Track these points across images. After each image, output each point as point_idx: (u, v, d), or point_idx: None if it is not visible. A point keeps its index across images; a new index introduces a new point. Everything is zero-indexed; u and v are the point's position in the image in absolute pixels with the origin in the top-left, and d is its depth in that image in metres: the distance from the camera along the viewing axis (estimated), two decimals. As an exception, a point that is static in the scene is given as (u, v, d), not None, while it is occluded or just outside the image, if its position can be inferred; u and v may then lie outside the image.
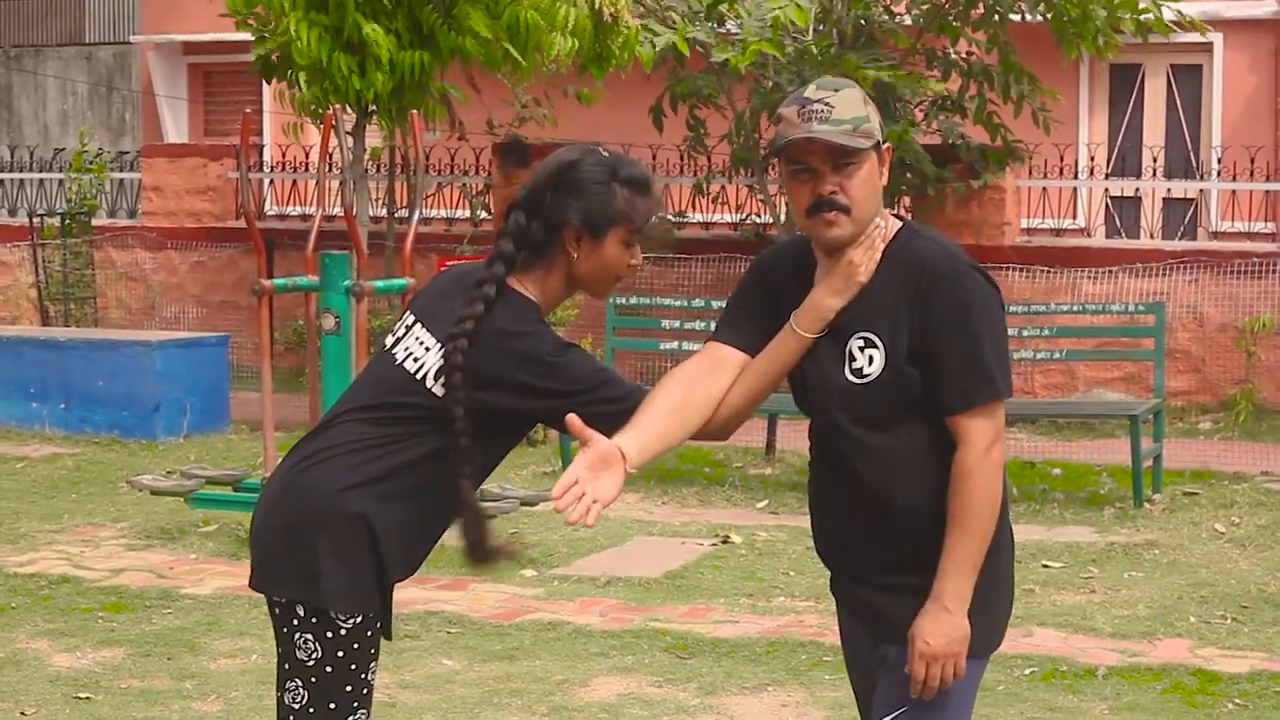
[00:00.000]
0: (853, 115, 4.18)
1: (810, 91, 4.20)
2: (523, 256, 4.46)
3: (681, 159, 17.52)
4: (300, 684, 4.42)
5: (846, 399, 4.25)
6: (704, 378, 4.43)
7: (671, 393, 4.35)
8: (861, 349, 4.26)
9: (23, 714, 7.45)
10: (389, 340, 4.57)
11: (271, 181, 21.04)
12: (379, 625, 4.46)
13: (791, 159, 4.21)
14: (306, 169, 20.17)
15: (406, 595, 4.91)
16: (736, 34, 15.10)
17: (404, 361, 4.45)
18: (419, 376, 4.40)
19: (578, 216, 4.41)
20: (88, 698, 7.69)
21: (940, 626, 4.20)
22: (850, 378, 4.27)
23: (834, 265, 4.26)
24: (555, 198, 4.43)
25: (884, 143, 4.25)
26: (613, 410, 4.29)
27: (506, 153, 18.49)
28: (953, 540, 4.20)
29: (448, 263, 13.08)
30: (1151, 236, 18.08)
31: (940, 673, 4.23)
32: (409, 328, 4.52)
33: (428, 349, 4.42)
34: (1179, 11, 15.59)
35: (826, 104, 4.16)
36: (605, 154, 4.49)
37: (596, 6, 14.21)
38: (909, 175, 16.40)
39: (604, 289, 4.55)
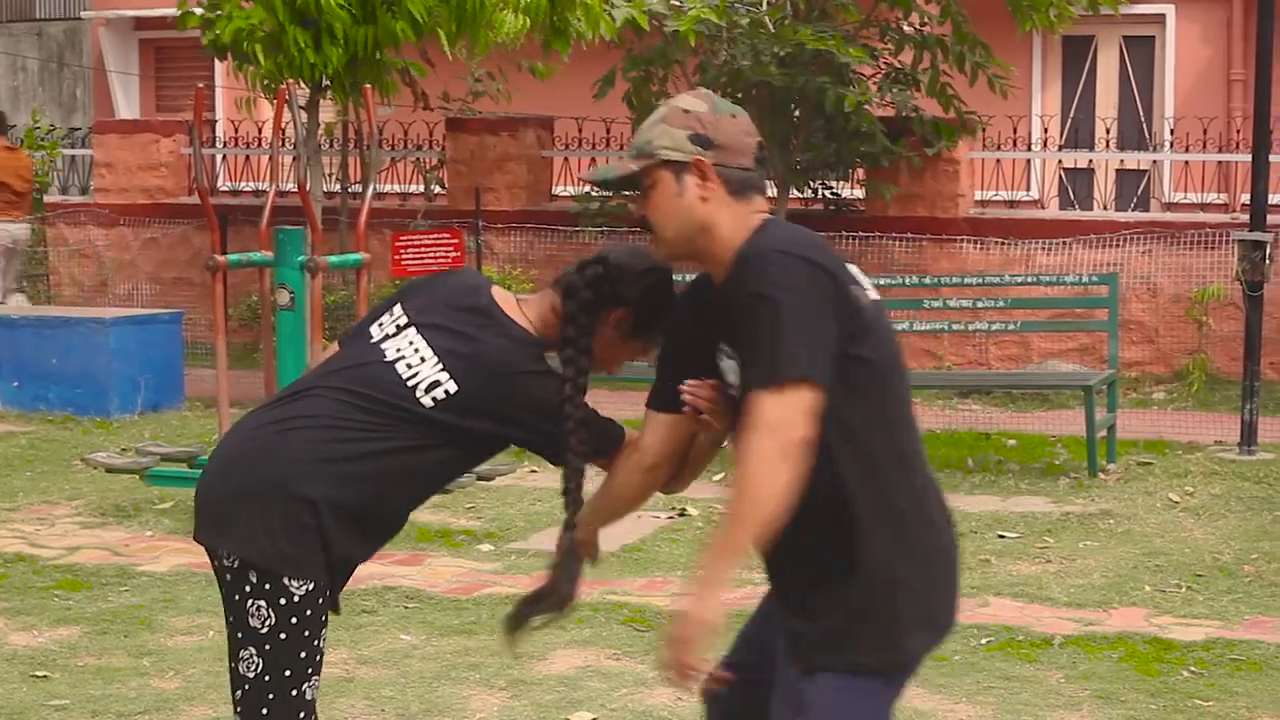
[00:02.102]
0: (638, 141, 4.17)
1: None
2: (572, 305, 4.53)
3: (634, 132, 17.49)
4: (254, 652, 4.42)
5: (740, 413, 4.10)
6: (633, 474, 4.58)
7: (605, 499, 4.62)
8: (724, 362, 4.24)
9: (-21, 692, 7.43)
10: (375, 330, 4.56)
11: (224, 157, 20.96)
12: (329, 594, 4.47)
13: None
14: (260, 144, 20.11)
15: (364, 570, 4.88)
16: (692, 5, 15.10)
17: (395, 363, 4.47)
18: (410, 384, 4.43)
19: (639, 315, 4.53)
20: (45, 676, 7.66)
21: (682, 607, 4.02)
22: (733, 394, 4.23)
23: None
24: (636, 292, 4.52)
25: (695, 155, 4.14)
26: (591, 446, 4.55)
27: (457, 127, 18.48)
28: (721, 521, 4.05)
29: (402, 237, 13.07)
30: (1105, 208, 18.14)
31: (670, 656, 4.02)
32: (401, 328, 4.52)
33: (423, 360, 4.45)
34: (1130, -15, 15.67)
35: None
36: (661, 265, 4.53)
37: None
38: (863, 147, 16.42)
39: (599, 369, 4.65)
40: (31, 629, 8.43)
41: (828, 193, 17.52)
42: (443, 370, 4.42)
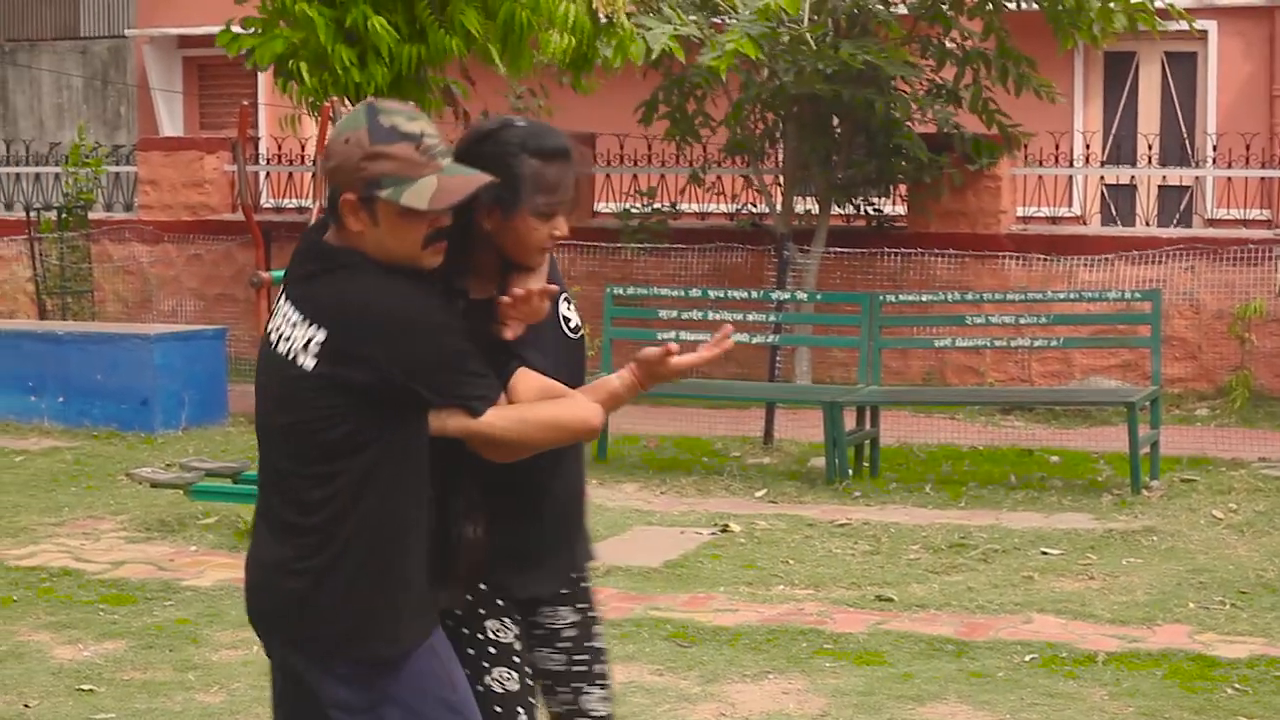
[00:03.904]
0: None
1: (404, 125, 4.11)
2: None
3: (677, 149, 17.54)
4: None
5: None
6: None
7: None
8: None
9: (26, 706, 7.47)
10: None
11: (268, 174, 21.04)
12: (480, 588, 4.48)
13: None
14: (303, 161, 20.18)
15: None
16: (731, 22, 15.10)
17: None
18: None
19: (488, 193, 4.26)
20: (90, 690, 7.70)
21: None
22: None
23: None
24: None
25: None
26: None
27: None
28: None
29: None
30: (1147, 224, 18.10)
31: None
32: None
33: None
34: (1170, 4, 15.63)
35: (433, 135, 4.12)
36: (521, 124, 4.43)
37: (593, 6, 14.19)
38: (905, 164, 16.43)
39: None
40: (77, 643, 8.47)
41: (869, 209, 17.51)
42: None
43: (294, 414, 4.17)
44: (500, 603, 4.50)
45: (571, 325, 4.53)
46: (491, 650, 4.47)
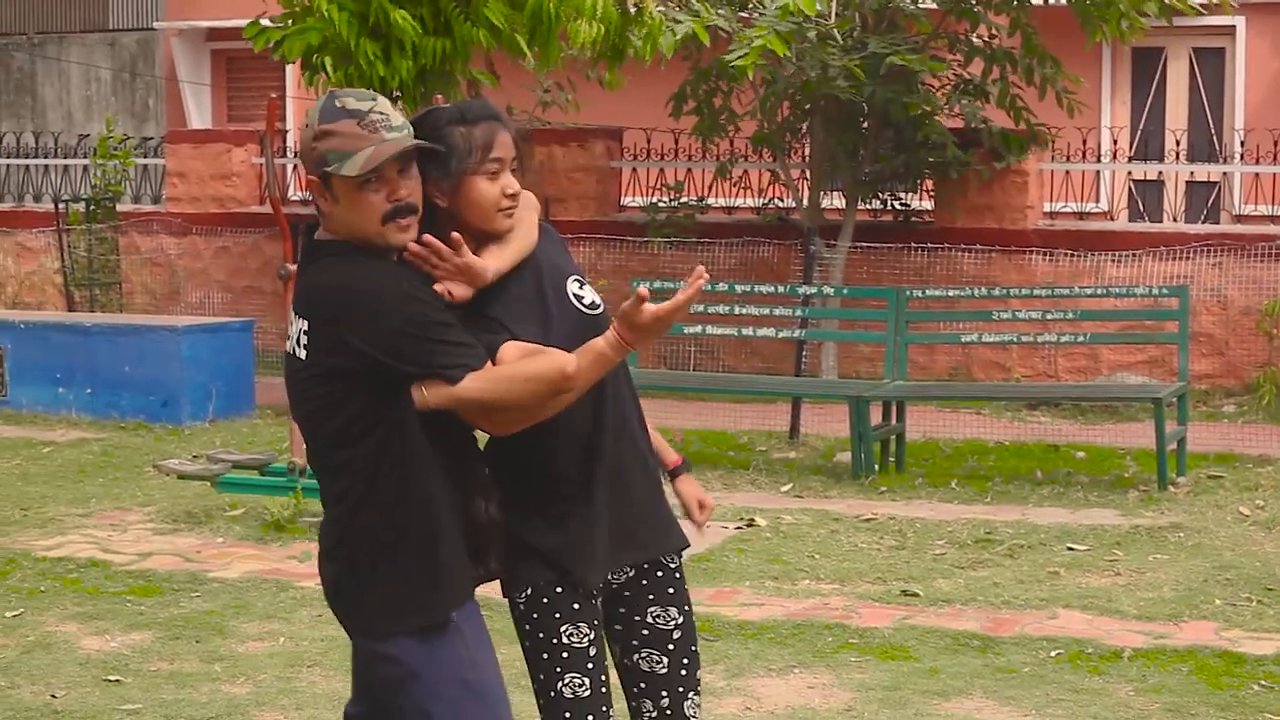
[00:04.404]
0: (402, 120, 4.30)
1: (353, 103, 4.26)
2: None
3: (703, 143, 17.53)
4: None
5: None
6: None
7: None
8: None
9: (53, 696, 7.50)
10: None
11: (296, 167, 21.07)
12: (556, 590, 4.50)
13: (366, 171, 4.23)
14: (330, 154, 20.18)
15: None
16: (760, 16, 15.08)
17: None
18: None
19: (433, 167, 4.38)
20: (117, 680, 7.74)
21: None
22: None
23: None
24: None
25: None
26: None
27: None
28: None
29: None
30: (1174, 220, 18.07)
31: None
32: None
33: None
34: (1200, -7, 15.60)
35: (381, 112, 4.25)
36: (447, 104, 4.52)
37: (621, -4, 14.19)
38: (932, 159, 16.42)
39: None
40: (104, 634, 8.50)
41: (896, 204, 17.50)
42: None
43: (301, 407, 4.35)
44: (576, 606, 4.49)
45: (586, 302, 4.51)
46: (564, 655, 4.49)
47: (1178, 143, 18.26)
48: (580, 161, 18.72)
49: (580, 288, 4.55)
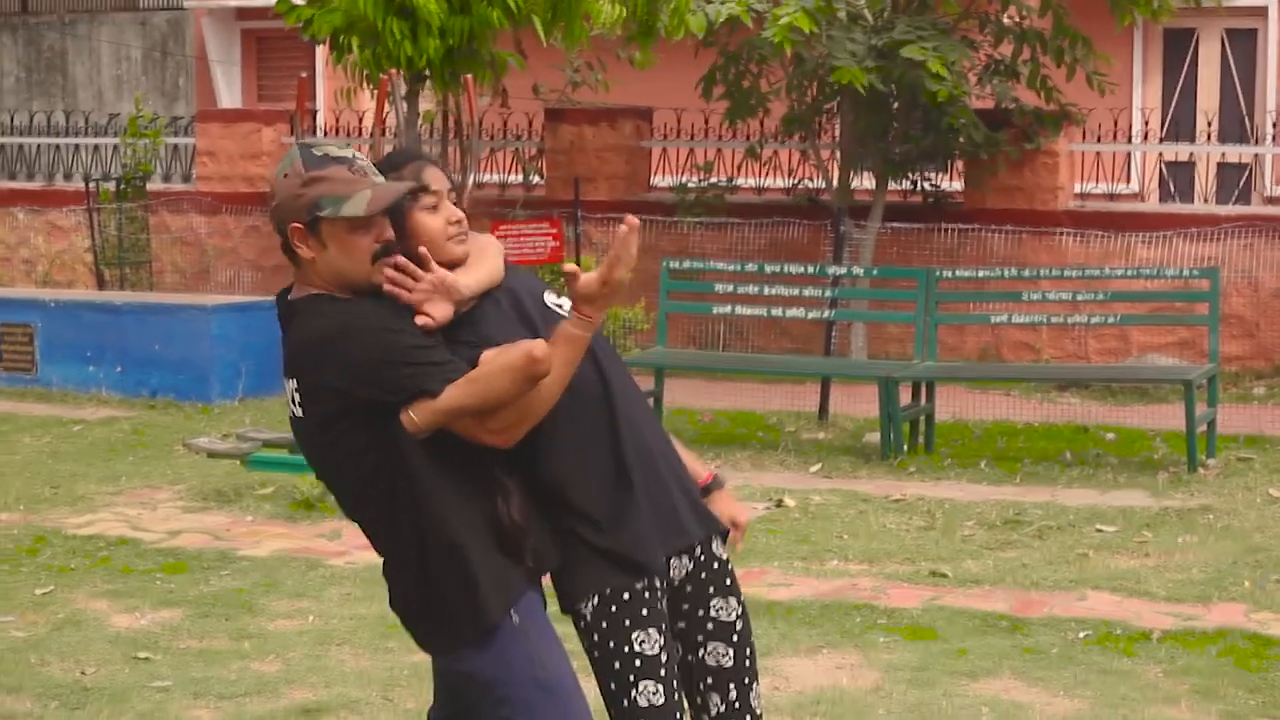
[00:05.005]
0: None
1: (336, 151, 4.35)
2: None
3: (733, 124, 17.50)
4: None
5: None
6: None
7: None
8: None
9: (83, 673, 7.53)
10: None
11: (324, 148, 21.04)
12: (624, 597, 4.46)
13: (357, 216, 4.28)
14: (360, 134, 20.22)
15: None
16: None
17: None
18: None
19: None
20: (147, 658, 7.76)
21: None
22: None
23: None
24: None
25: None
26: None
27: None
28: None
29: (501, 227, 13.13)
30: (1206, 201, 18.01)
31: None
32: None
33: None
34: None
35: (362, 159, 4.34)
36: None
37: (649, -26, 14.17)
38: (962, 140, 16.37)
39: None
40: (134, 611, 8.53)
41: (926, 185, 17.46)
42: None
43: (315, 464, 4.49)
44: (645, 612, 4.43)
45: (566, 309, 4.44)
46: (637, 663, 4.42)
47: (1209, 124, 18.20)
48: (610, 141, 18.71)
49: (558, 297, 4.56)
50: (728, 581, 4.66)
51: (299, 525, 10.44)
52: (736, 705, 4.61)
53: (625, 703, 4.42)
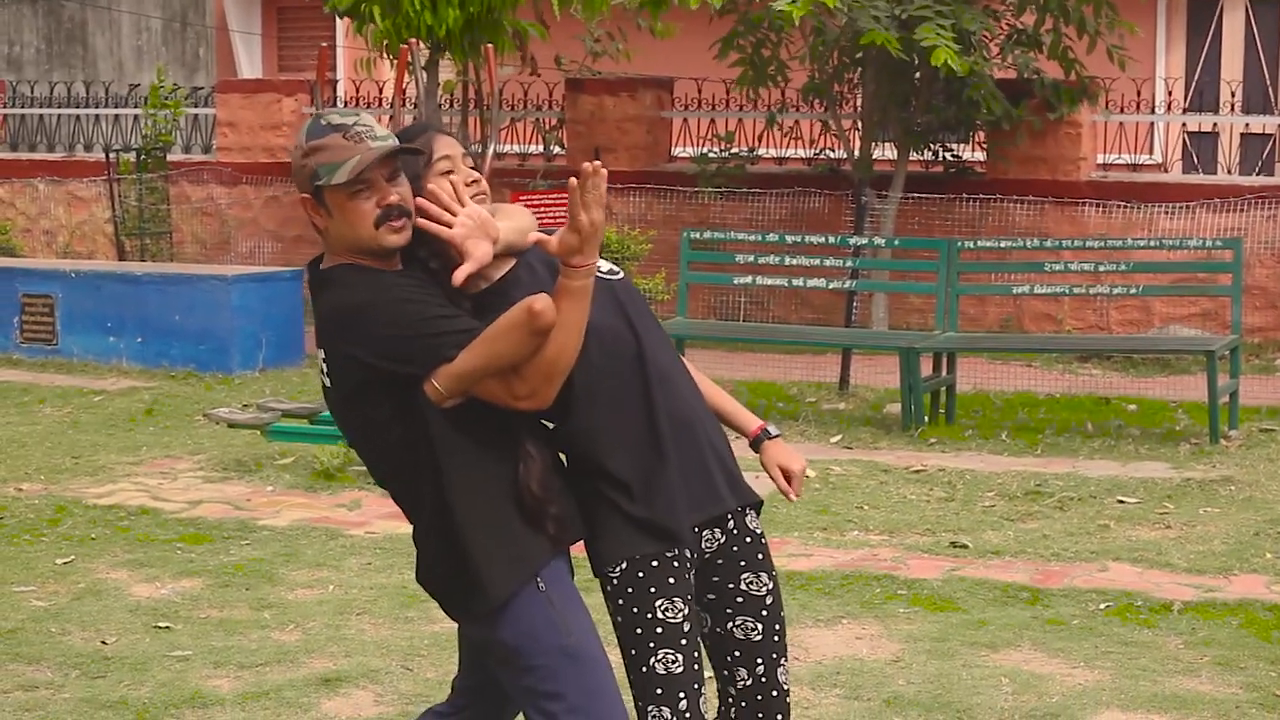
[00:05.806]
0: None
1: (338, 119, 4.37)
2: None
3: (754, 93, 17.43)
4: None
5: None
6: None
7: None
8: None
9: (103, 643, 7.54)
10: None
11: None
12: (652, 565, 4.46)
13: (359, 179, 4.29)
14: (380, 104, 20.20)
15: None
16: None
17: None
18: None
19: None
20: (167, 627, 7.77)
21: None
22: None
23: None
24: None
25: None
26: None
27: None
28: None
29: (522, 197, 13.11)
30: (1229, 172, 17.93)
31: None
32: None
33: None
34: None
35: (365, 124, 4.35)
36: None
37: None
38: (984, 110, 16.30)
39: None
40: (154, 581, 8.54)
41: (948, 155, 17.41)
42: None
43: (347, 434, 4.53)
44: (672, 580, 4.43)
45: (604, 269, 4.46)
46: (658, 630, 4.41)
47: (1233, 94, 18.12)
48: (630, 111, 18.67)
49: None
50: (760, 556, 4.64)
51: (319, 495, 10.44)
52: (764, 679, 4.61)
53: (644, 669, 4.42)
